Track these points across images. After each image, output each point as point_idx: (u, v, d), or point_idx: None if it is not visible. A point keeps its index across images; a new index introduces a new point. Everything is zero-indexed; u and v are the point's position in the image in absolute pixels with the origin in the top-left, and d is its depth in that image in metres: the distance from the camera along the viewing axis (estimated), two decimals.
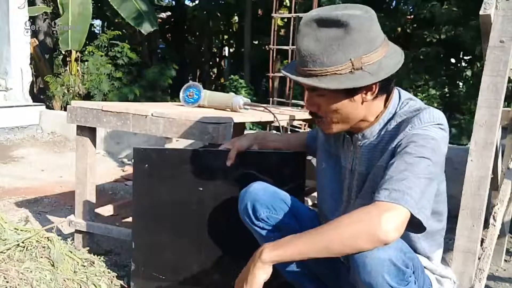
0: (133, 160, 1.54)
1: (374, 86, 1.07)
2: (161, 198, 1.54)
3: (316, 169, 1.37)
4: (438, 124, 1.05)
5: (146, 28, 6.66)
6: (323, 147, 1.32)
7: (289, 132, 3.00)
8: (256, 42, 9.40)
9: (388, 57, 1.07)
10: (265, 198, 1.30)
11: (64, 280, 1.52)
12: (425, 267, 1.16)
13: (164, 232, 1.56)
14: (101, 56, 6.25)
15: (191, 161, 1.51)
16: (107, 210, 2.13)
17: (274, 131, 4.20)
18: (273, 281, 1.03)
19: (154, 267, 1.57)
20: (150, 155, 1.52)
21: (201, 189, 1.52)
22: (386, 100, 1.14)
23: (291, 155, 1.51)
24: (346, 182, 1.23)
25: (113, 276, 1.67)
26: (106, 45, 6.42)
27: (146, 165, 1.52)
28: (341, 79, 1.03)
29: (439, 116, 1.07)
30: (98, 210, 2.13)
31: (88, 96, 6.24)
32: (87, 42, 6.65)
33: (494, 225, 1.72)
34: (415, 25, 6.51)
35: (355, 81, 1.04)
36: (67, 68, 6.40)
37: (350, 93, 1.07)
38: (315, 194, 2.45)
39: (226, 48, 11.75)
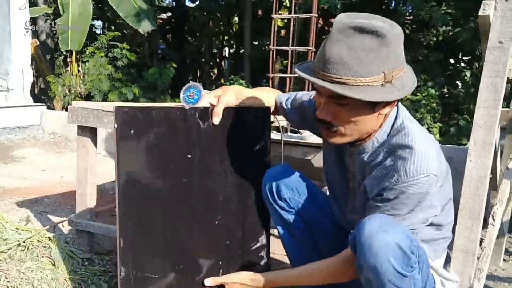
0: (114, 124, 1.17)
1: (395, 101, 1.08)
2: (149, 174, 1.24)
3: (323, 162, 1.39)
4: (425, 176, 1.03)
5: (145, 27, 6.65)
6: (328, 150, 1.34)
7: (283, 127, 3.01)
8: (256, 43, 9.40)
9: (406, 73, 1.08)
10: (291, 180, 1.37)
11: (65, 279, 1.52)
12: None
13: (156, 216, 1.29)
14: (101, 57, 6.26)
15: (179, 123, 1.28)
16: (115, 208, 2.13)
17: (274, 131, 4.20)
18: None
19: (147, 266, 1.29)
20: (136, 117, 1.20)
21: (189, 156, 1.30)
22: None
23: (259, 110, 1.42)
24: (350, 182, 1.26)
25: (114, 276, 1.68)
26: (106, 46, 6.42)
27: (132, 131, 1.19)
28: (373, 91, 1.00)
29: (428, 161, 1.04)
30: (104, 209, 2.13)
31: (88, 97, 6.24)
32: (87, 43, 6.65)
33: (493, 225, 1.73)
34: (414, 26, 6.52)
35: (386, 94, 1.02)
36: (68, 68, 6.41)
37: (374, 106, 1.05)
38: None
39: (226, 49, 11.75)
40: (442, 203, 1.13)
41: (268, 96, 1.47)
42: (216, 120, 1.31)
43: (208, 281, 1.35)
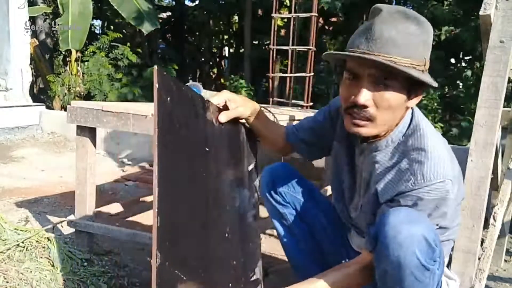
0: (156, 84, 0.95)
1: (421, 94, 1.08)
2: (181, 159, 1.05)
3: (331, 166, 1.38)
4: (441, 181, 1.02)
5: (147, 27, 6.65)
6: (336, 150, 1.31)
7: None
8: (256, 42, 9.39)
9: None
10: (287, 176, 1.40)
11: (64, 280, 1.52)
12: None
13: (188, 212, 1.05)
14: (102, 57, 6.26)
15: (201, 110, 1.15)
16: (114, 208, 2.14)
17: None
18: None
19: (179, 263, 1.00)
20: (172, 87, 1.04)
21: (207, 149, 1.14)
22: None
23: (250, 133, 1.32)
24: (357, 185, 1.24)
25: (113, 276, 1.67)
26: (107, 46, 6.42)
27: (169, 99, 1.00)
28: (417, 73, 1.02)
29: (444, 166, 1.04)
30: (103, 209, 2.13)
31: (88, 96, 6.24)
32: (87, 42, 6.65)
33: (494, 225, 1.72)
34: None
35: (429, 78, 1.04)
36: (67, 68, 6.41)
37: (410, 92, 1.06)
38: None
39: (226, 48, 11.75)
40: (455, 207, 1.12)
41: (278, 127, 1.47)
42: (222, 117, 1.20)
43: None
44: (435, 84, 1.05)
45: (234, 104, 1.24)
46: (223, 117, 1.20)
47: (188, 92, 1.10)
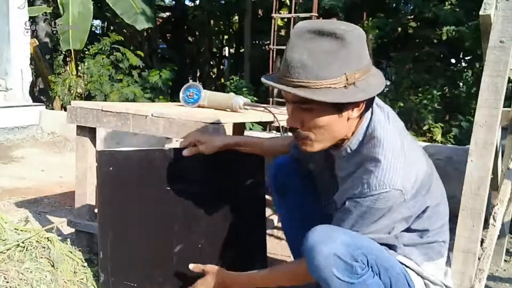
0: (96, 165, 1.48)
1: (361, 103, 1.07)
2: (128, 202, 1.50)
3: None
4: (386, 191, 1.02)
5: (141, 24, 6.64)
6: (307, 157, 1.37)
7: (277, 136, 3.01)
8: (256, 42, 9.39)
9: (374, 76, 1.07)
10: (289, 169, 1.47)
11: (64, 281, 1.52)
12: (408, 267, 1.17)
13: (133, 236, 1.52)
14: (103, 58, 6.26)
15: (158, 161, 1.51)
16: None
17: (274, 132, 4.19)
18: None
19: (125, 275, 1.51)
20: (115, 157, 1.48)
21: (168, 188, 1.51)
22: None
23: (252, 157, 1.54)
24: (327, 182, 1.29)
25: None
26: (109, 48, 6.42)
27: (111, 168, 1.47)
28: (335, 93, 1.00)
29: (391, 176, 1.03)
30: None
31: (89, 97, 6.24)
32: (88, 42, 6.65)
33: (494, 225, 1.72)
34: (415, 25, 6.51)
35: (349, 96, 1.02)
36: (67, 68, 6.41)
37: (340, 108, 1.05)
38: None
39: (226, 48, 11.74)
40: (417, 212, 1.12)
41: (278, 143, 1.56)
42: (185, 152, 1.48)
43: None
44: (356, 100, 1.03)
45: (198, 143, 1.46)
46: (186, 152, 1.47)
47: (138, 154, 1.51)
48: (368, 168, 1.06)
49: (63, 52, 6.78)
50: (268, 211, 2.01)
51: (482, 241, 1.54)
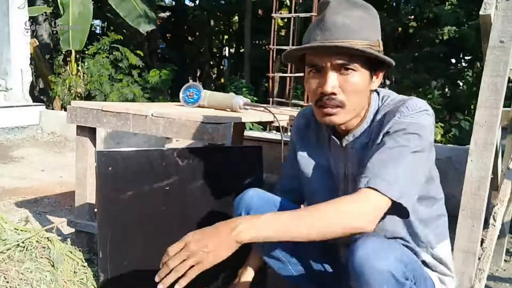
0: (95, 165, 1.50)
1: (380, 74, 1.13)
2: (128, 202, 1.51)
3: (300, 177, 1.31)
4: (424, 110, 1.08)
5: (145, 27, 6.66)
6: (304, 159, 1.29)
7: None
8: (256, 42, 9.39)
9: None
10: (259, 205, 1.29)
11: (64, 281, 1.52)
12: (427, 264, 1.17)
13: (133, 236, 1.53)
14: (103, 58, 6.26)
15: (157, 161, 1.52)
16: None
17: (274, 131, 4.19)
18: None
19: (125, 275, 1.52)
20: (114, 157, 1.50)
21: (167, 188, 1.53)
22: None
23: (250, 149, 1.59)
24: (341, 189, 1.21)
25: None
26: (108, 48, 6.42)
27: (110, 168, 1.49)
28: (377, 53, 1.06)
29: (424, 103, 1.11)
30: None
31: (89, 97, 6.23)
32: (88, 42, 6.65)
33: (494, 225, 1.72)
34: (415, 25, 6.51)
35: (387, 58, 1.08)
36: (67, 68, 6.41)
37: (372, 73, 1.11)
38: None
39: (226, 48, 11.75)
40: (432, 157, 1.13)
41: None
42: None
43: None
44: (393, 63, 1.10)
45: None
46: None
47: (137, 155, 1.53)
48: (398, 107, 1.09)
49: (63, 52, 6.77)
50: None
51: (482, 241, 1.54)
